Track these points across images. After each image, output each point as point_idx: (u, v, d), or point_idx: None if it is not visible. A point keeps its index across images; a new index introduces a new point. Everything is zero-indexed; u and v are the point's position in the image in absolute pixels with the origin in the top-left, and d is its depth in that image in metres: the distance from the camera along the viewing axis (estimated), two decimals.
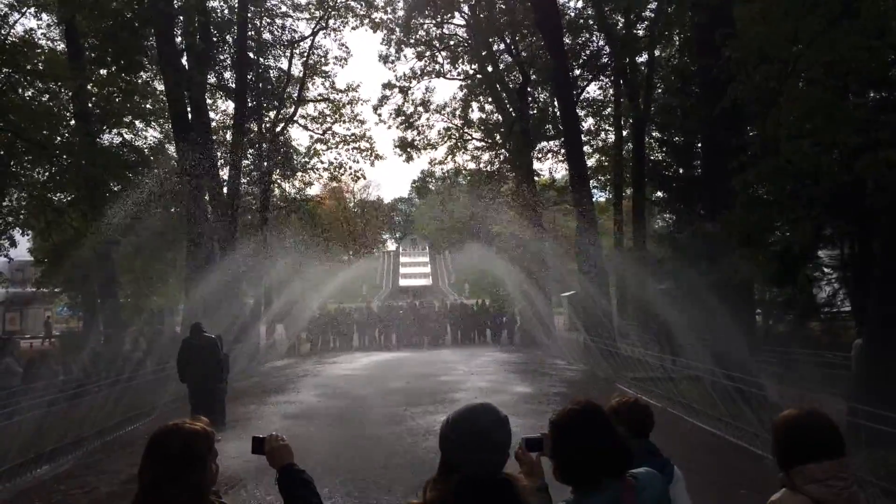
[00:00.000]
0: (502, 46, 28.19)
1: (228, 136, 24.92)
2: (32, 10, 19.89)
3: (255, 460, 7.87)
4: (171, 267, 23.33)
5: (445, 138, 30.77)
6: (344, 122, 28.85)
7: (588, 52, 27.36)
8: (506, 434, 1.99)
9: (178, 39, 21.33)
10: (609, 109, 28.59)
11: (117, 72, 20.59)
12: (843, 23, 7.17)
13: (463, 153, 31.19)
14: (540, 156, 29.99)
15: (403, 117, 30.12)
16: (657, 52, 24.78)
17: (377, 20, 27.86)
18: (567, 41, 25.17)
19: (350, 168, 29.26)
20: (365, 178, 44.86)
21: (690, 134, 17.90)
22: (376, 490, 7.02)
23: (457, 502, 1.89)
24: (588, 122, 29.48)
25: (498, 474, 1.96)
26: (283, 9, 26.09)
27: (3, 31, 17.82)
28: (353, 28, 28.17)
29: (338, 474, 7.51)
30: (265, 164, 25.22)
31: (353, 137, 28.83)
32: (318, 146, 28.76)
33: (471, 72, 29.87)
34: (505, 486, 1.94)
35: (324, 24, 27.01)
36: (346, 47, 44.50)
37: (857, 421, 7.05)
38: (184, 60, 21.11)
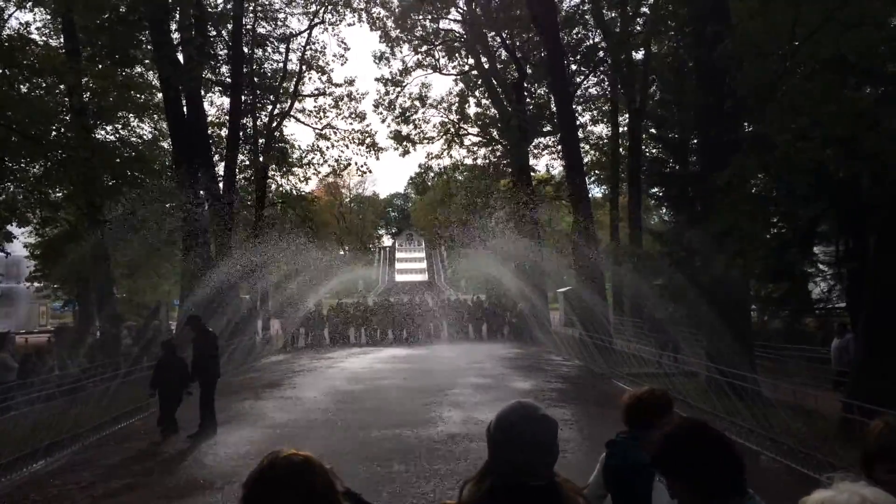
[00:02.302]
0: (498, 42, 28.16)
1: (224, 132, 24.82)
2: (29, 4, 19.71)
3: (252, 456, 7.88)
4: (167, 262, 23.24)
5: (442, 133, 30.78)
6: (343, 116, 28.83)
7: (584, 47, 27.35)
8: (544, 433, 1.84)
9: (175, 35, 21.23)
10: (607, 106, 28.62)
11: (113, 66, 20.44)
12: (843, 16, 7.18)
13: (459, 148, 31.25)
14: (537, 152, 30.04)
15: (399, 111, 30.09)
16: (653, 48, 24.79)
17: (374, 14, 27.81)
18: (563, 36, 25.14)
19: (355, 163, 29.34)
20: (371, 172, 44.52)
21: (686, 130, 17.92)
22: (373, 485, 7.03)
23: None
24: (584, 118, 29.54)
25: (539, 478, 1.81)
26: (278, 4, 26.02)
27: None
28: (350, 24, 28.20)
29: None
30: (261, 159, 25.13)
31: (355, 133, 28.81)
32: (321, 142, 28.69)
33: (467, 67, 29.85)
34: (546, 492, 1.80)
35: (320, 19, 26.93)
36: (345, 43, 44.28)
37: (853, 417, 7.10)
38: (179, 56, 21.01)
